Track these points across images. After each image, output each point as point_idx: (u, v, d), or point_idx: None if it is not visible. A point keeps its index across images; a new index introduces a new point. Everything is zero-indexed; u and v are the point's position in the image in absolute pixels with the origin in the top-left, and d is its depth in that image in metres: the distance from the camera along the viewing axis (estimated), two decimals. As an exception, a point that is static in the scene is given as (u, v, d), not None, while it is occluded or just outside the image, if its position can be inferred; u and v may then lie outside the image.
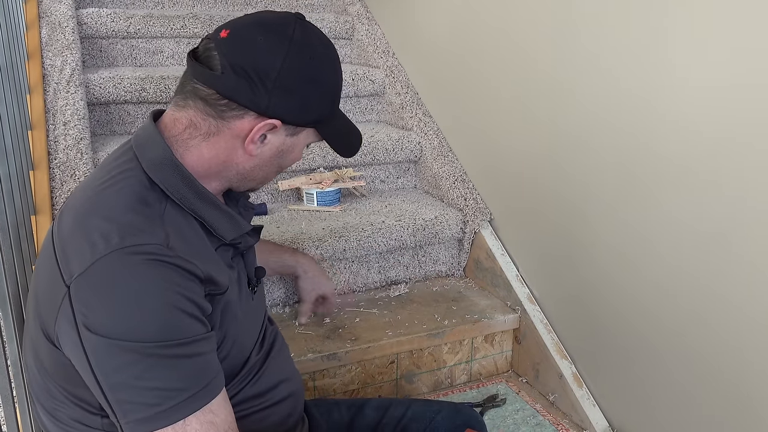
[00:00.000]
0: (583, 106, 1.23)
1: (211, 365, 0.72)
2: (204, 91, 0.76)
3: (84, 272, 0.67)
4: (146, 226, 0.71)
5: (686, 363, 1.10)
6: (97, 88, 1.64)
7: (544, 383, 1.43)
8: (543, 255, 1.44)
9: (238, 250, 0.85)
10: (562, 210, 1.34)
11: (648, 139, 1.10)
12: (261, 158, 0.80)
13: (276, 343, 0.96)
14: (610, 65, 1.15)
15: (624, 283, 1.20)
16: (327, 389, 1.33)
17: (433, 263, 1.65)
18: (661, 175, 1.08)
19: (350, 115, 1.97)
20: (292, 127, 0.80)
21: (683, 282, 1.07)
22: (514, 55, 1.42)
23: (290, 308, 1.47)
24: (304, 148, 0.85)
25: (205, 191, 0.78)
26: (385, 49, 2.02)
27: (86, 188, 0.77)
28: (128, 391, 0.66)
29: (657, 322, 1.14)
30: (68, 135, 1.44)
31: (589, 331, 1.32)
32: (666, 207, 1.08)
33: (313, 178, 1.64)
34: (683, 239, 1.06)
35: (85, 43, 1.83)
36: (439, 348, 1.43)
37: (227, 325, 0.79)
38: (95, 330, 0.66)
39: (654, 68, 1.07)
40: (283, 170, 0.87)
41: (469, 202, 1.63)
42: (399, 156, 1.78)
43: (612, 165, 1.18)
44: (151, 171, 0.76)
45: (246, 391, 0.85)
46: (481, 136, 1.60)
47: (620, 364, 1.25)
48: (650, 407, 1.19)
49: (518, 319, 1.48)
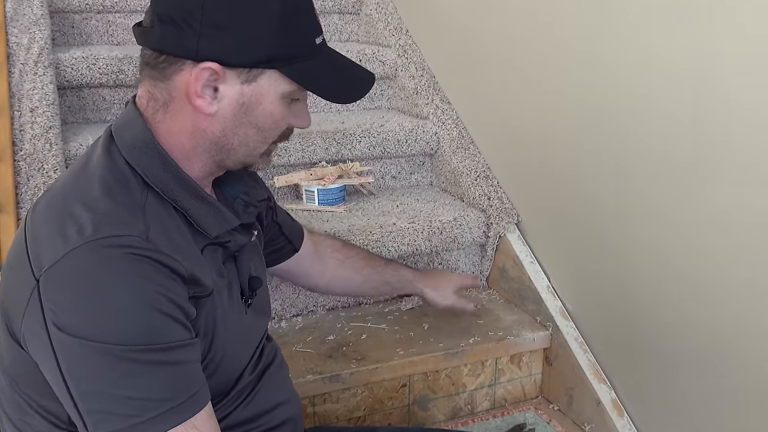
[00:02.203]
0: (625, 89, 1.21)
1: (196, 375, 0.73)
2: (145, 53, 0.79)
3: (54, 265, 0.68)
4: (125, 217, 0.72)
5: (752, 387, 1.07)
6: (68, 70, 1.63)
7: (579, 411, 1.42)
8: (579, 263, 1.42)
9: (228, 251, 0.85)
10: (601, 211, 1.32)
11: (706, 126, 1.07)
12: (223, 117, 0.78)
13: (275, 360, 0.96)
14: (658, 39, 1.13)
15: (674, 295, 1.18)
16: (329, 416, 1.32)
17: (452, 272, 1.63)
18: (721, 168, 1.06)
19: (358, 101, 1.96)
20: (245, 72, 0.77)
21: (748, 295, 1.05)
22: (544, 32, 1.41)
23: (287, 322, 1.46)
24: (291, 104, 0.81)
25: (186, 178, 0.79)
26: (398, 26, 2.01)
27: (64, 176, 0.79)
28: (102, 399, 0.67)
29: (714, 339, 1.12)
30: (35, 123, 1.44)
31: (632, 351, 1.31)
32: (724, 208, 1.06)
33: (314, 174, 1.63)
34: (745, 245, 1.04)
35: (56, 17, 1.83)
36: (457, 369, 1.42)
37: (213, 334, 0.79)
38: (66, 329, 0.67)
39: (714, 39, 1.04)
40: (272, 135, 0.83)
41: (493, 201, 1.61)
42: (413, 148, 1.77)
43: (661, 157, 1.16)
44: (130, 156, 0.77)
45: (237, 414, 0.86)
46: (507, 125, 1.59)
47: (667, 389, 1.23)
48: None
49: (549, 337, 1.47)
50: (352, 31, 2.16)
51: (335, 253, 1.24)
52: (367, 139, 1.70)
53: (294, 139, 1.61)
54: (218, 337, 0.80)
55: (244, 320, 0.87)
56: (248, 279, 0.89)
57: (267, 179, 1.64)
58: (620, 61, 1.22)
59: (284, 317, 1.47)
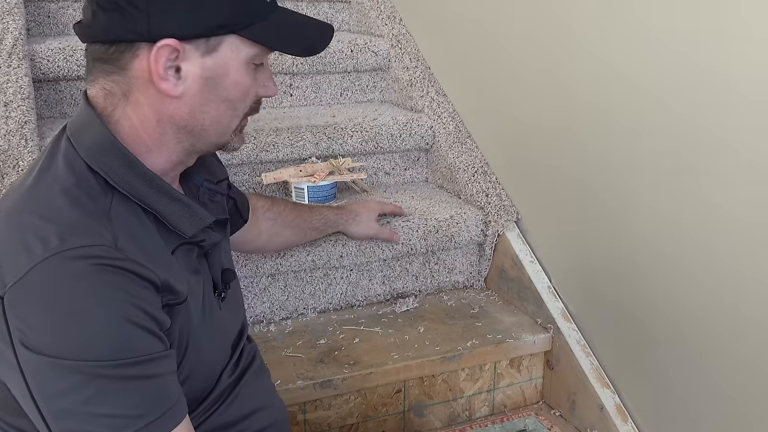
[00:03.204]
0: (632, 85, 1.22)
1: (172, 388, 0.73)
2: (92, 48, 0.78)
3: (19, 281, 0.67)
4: (90, 225, 0.71)
5: (762, 391, 1.08)
6: (44, 62, 1.63)
7: (582, 417, 1.42)
8: (581, 262, 1.43)
9: (202, 250, 0.85)
10: (604, 208, 1.33)
11: (710, 122, 1.08)
12: (191, 97, 0.78)
13: (253, 364, 0.96)
14: (667, 33, 1.14)
15: (681, 296, 1.19)
16: (320, 423, 1.33)
17: (448, 272, 1.64)
18: (728, 166, 1.07)
19: (348, 93, 1.97)
20: (203, 43, 0.77)
21: (757, 297, 1.06)
22: (548, 22, 1.41)
23: (276, 326, 1.46)
24: (254, 69, 0.81)
25: (152, 176, 0.78)
26: (391, 14, 2.01)
27: (19, 185, 0.77)
28: (75, 418, 0.67)
29: (722, 342, 1.13)
30: (10, 118, 1.43)
31: (637, 354, 1.32)
32: (732, 207, 1.07)
33: (304, 170, 1.63)
34: (753, 245, 1.05)
35: (30, 7, 1.82)
36: (455, 374, 1.43)
37: (188, 342, 0.80)
38: (34, 348, 0.66)
39: (725, 34, 1.05)
40: (242, 107, 0.83)
41: (491, 198, 1.62)
42: (407, 143, 1.78)
43: (666, 154, 1.17)
44: (90, 158, 0.77)
45: (213, 419, 0.86)
46: (507, 119, 1.60)
47: (673, 394, 1.24)
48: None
49: (550, 340, 1.48)
50: (342, 20, 2.16)
51: (267, 213, 1.27)
52: (359, 134, 1.71)
53: (282, 134, 1.62)
54: (193, 343, 0.80)
55: (218, 316, 0.88)
56: (221, 272, 0.89)
57: (253, 176, 1.65)
58: (624, 57, 1.22)
59: (273, 320, 1.48)
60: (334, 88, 1.95)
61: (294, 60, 1.83)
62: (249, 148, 1.59)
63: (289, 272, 1.47)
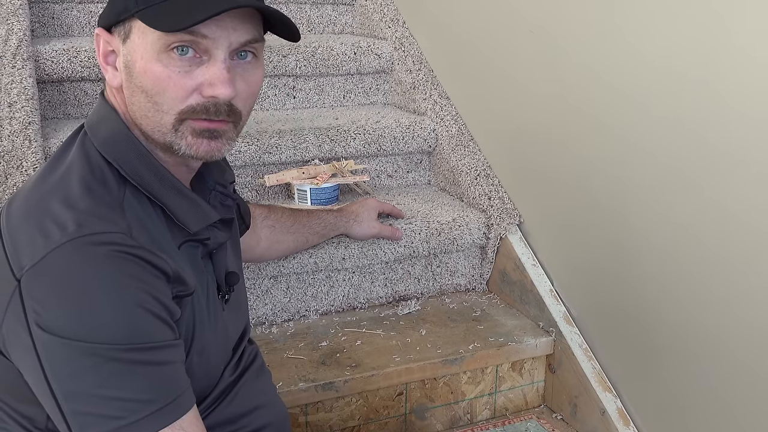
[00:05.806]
0: (630, 91, 1.22)
1: (181, 377, 0.74)
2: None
3: (36, 264, 0.69)
4: (106, 213, 0.73)
5: (761, 399, 1.09)
6: (48, 63, 1.64)
7: (584, 421, 1.43)
8: (583, 266, 1.43)
9: (207, 249, 0.86)
10: (607, 212, 1.34)
11: (712, 125, 1.09)
12: (125, 87, 0.79)
13: (254, 364, 0.96)
14: (665, 43, 1.14)
15: (684, 300, 1.19)
16: (322, 425, 1.33)
17: (450, 275, 1.65)
18: (731, 168, 1.07)
19: (351, 96, 1.97)
20: (121, 30, 0.77)
21: (762, 301, 1.07)
22: (550, 25, 1.42)
23: (278, 327, 1.47)
24: (173, 58, 0.74)
25: (159, 168, 0.80)
26: (394, 17, 2.02)
27: (38, 175, 0.79)
28: (87, 400, 0.68)
29: (726, 346, 1.13)
30: (14, 119, 1.44)
31: (638, 358, 1.32)
32: (736, 209, 1.08)
33: (307, 172, 1.64)
34: (757, 249, 1.05)
35: (35, 8, 1.83)
36: (456, 377, 1.43)
37: (193, 336, 0.81)
38: (50, 329, 0.68)
39: (717, 43, 1.06)
40: (164, 100, 0.75)
41: (494, 201, 1.62)
42: (410, 146, 1.78)
43: (668, 157, 1.18)
44: (104, 149, 0.78)
45: (214, 416, 0.87)
46: (510, 122, 1.60)
47: (676, 398, 1.24)
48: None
49: (552, 343, 1.48)
50: (346, 23, 2.16)
51: (266, 221, 1.28)
52: (362, 136, 1.71)
53: (285, 136, 1.62)
54: (198, 339, 0.81)
55: (222, 317, 0.89)
56: (225, 274, 0.90)
57: (256, 178, 1.65)
58: (626, 61, 1.23)
59: (275, 322, 1.48)
60: (337, 91, 1.96)
61: (297, 62, 1.83)
62: (252, 150, 1.60)
63: (292, 274, 1.48)
